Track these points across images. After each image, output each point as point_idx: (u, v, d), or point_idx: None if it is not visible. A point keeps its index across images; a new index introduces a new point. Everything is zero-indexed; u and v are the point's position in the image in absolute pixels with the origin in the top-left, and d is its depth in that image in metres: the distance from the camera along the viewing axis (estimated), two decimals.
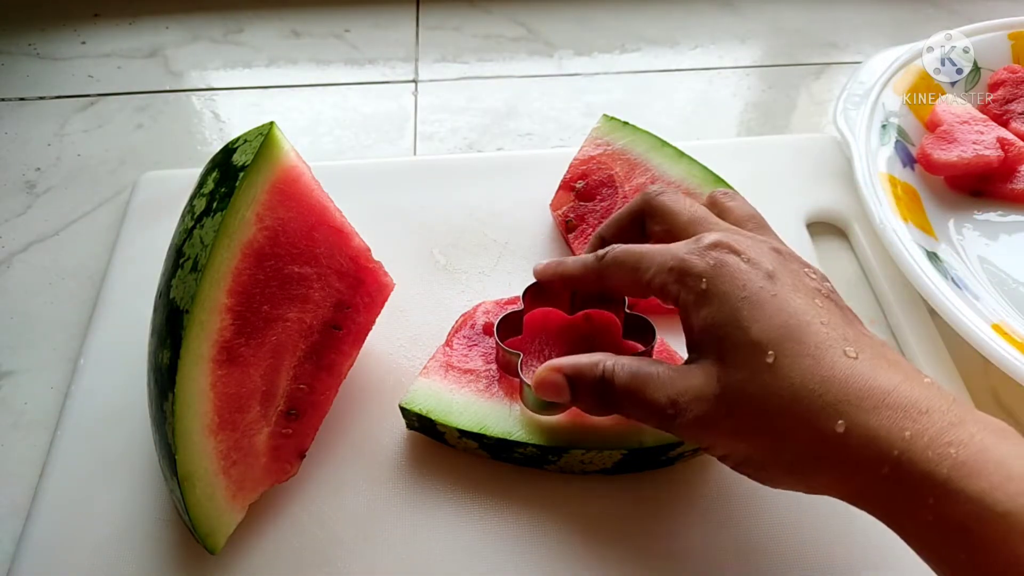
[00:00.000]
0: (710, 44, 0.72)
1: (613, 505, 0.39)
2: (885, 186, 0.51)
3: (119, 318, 0.47)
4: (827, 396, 0.27)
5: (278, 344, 0.37)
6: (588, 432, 0.38)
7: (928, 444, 0.25)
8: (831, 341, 0.28)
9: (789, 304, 0.29)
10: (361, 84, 0.67)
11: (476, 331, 0.42)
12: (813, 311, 0.29)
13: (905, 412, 0.26)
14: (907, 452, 0.25)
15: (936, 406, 0.26)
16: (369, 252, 0.41)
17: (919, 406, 0.26)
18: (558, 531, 0.38)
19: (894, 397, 0.26)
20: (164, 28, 0.72)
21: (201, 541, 0.36)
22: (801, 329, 0.29)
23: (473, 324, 0.43)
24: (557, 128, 0.63)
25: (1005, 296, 0.48)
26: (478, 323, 0.42)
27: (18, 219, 0.56)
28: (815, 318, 0.29)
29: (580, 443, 0.37)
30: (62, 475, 0.40)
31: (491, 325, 0.42)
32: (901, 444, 0.25)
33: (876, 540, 0.37)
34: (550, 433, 0.38)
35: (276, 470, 0.38)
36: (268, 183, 0.37)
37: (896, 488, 0.26)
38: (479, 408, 0.38)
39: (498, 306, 0.44)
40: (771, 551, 0.37)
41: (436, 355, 0.41)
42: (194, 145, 0.62)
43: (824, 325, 0.29)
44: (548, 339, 0.41)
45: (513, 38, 0.72)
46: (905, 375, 0.28)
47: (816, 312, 0.29)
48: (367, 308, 0.41)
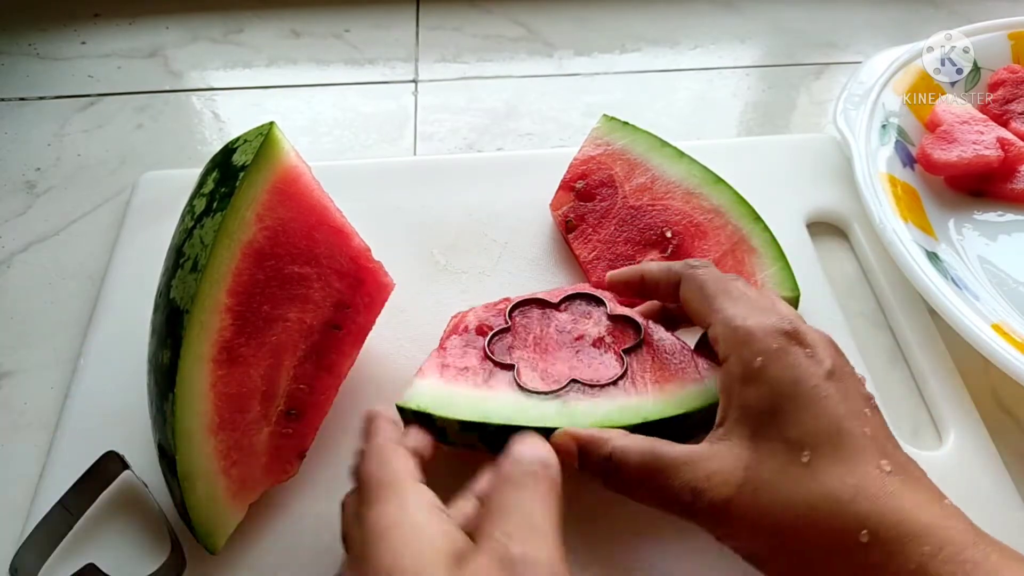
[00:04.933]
0: (710, 44, 0.72)
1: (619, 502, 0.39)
2: (885, 186, 0.51)
3: (119, 318, 0.47)
4: (856, 505, 0.27)
5: (278, 344, 0.37)
6: (596, 410, 0.37)
7: (945, 559, 0.25)
8: (869, 453, 0.28)
9: (837, 408, 0.29)
10: (361, 84, 0.67)
11: (469, 333, 0.42)
12: (859, 420, 0.29)
13: (926, 528, 0.26)
14: (924, 566, 0.25)
15: (956, 526, 0.27)
16: (369, 252, 0.41)
17: (941, 524, 0.26)
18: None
19: (918, 513, 0.27)
20: (164, 28, 0.72)
21: (201, 541, 0.36)
22: (843, 435, 0.28)
23: (466, 327, 0.42)
24: (557, 128, 0.63)
25: (1005, 296, 0.48)
26: (470, 326, 0.42)
27: (18, 219, 0.56)
28: (859, 427, 0.29)
29: (584, 424, 0.37)
30: (62, 475, 0.40)
31: (484, 327, 0.41)
32: (919, 558, 0.26)
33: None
34: (555, 416, 0.37)
35: (276, 470, 0.38)
36: (268, 183, 0.37)
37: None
38: (478, 399, 0.38)
39: (487, 311, 0.43)
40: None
41: (431, 358, 0.41)
42: (194, 145, 0.62)
43: (865, 436, 0.29)
44: (544, 348, 0.41)
45: (513, 38, 0.72)
46: (930, 494, 0.28)
47: (861, 421, 0.29)
48: (367, 308, 0.41)
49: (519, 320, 0.42)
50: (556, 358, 0.40)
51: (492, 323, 0.42)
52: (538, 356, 0.40)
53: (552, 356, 0.40)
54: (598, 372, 0.39)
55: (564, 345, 0.41)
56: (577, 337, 0.41)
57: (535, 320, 0.42)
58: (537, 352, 0.40)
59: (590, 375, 0.39)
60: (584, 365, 0.39)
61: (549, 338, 0.41)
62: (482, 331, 0.41)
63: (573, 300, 0.42)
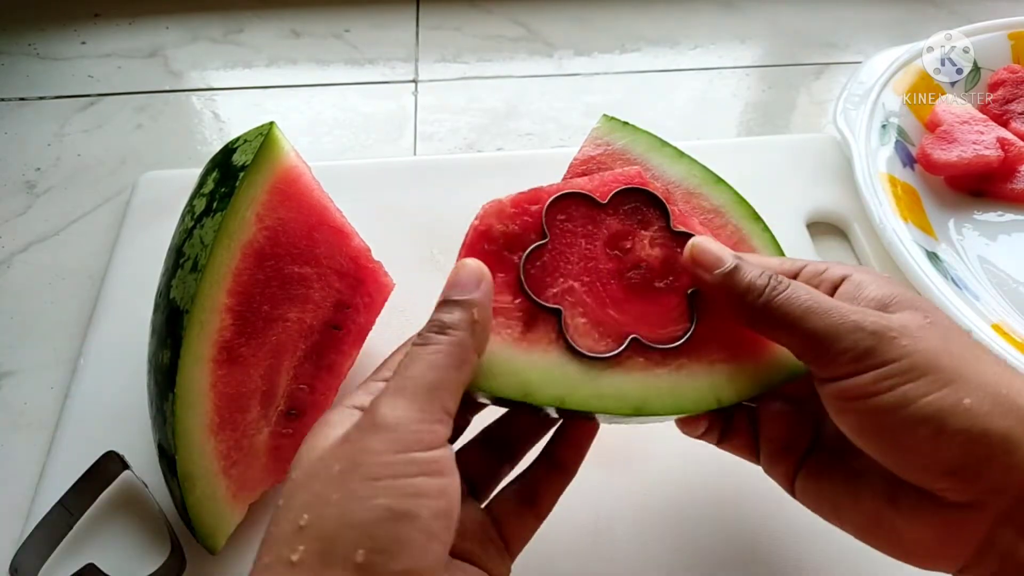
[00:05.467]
0: (710, 44, 0.72)
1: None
2: (885, 186, 0.51)
3: (119, 318, 0.47)
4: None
5: (278, 344, 0.37)
6: (663, 390, 0.30)
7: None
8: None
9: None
10: (361, 84, 0.67)
11: (496, 246, 0.32)
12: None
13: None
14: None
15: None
16: (369, 252, 0.41)
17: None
18: (564, 530, 0.38)
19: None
20: (164, 28, 0.72)
21: (201, 541, 0.36)
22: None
23: (491, 235, 0.32)
24: (557, 128, 0.63)
25: (1005, 296, 0.48)
26: (496, 234, 0.32)
27: (18, 219, 0.56)
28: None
29: (647, 408, 0.30)
30: (62, 475, 0.40)
31: (513, 235, 0.32)
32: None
33: None
34: (615, 395, 0.30)
35: (276, 470, 0.38)
36: (268, 183, 0.37)
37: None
38: (517, 365, 0.30)
39: (516, 208, 0.33)
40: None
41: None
42: (194, 145, 0.62)
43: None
44: (593, 281, 0.32)
45: (513, 38, 0.72)
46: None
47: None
48: (367, 308, 0.41)
49: (559, 227, 0.32)
50: (610, 295, 0.32)
51: (524, 230, 0.32)
52: (588, 291, 0.31)
53: (605, 291, 0.32)
54: (661, 323, 0.31)
55: (618, 273, 0.32)
56: (630, 261, 0.32)
57: (579, 228, 0.32)
58: (587, 284, 0.31)
59: (652, 328, 0.31)
60: (643, 309, 0.31)
61: (599, 261, 0.32)
62: (513, 241, 0.32)
63: (626, 199, 0.33)
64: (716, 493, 0.40)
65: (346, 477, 0.24)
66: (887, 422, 0.26)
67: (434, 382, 0.26)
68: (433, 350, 0.26)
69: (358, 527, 0.23)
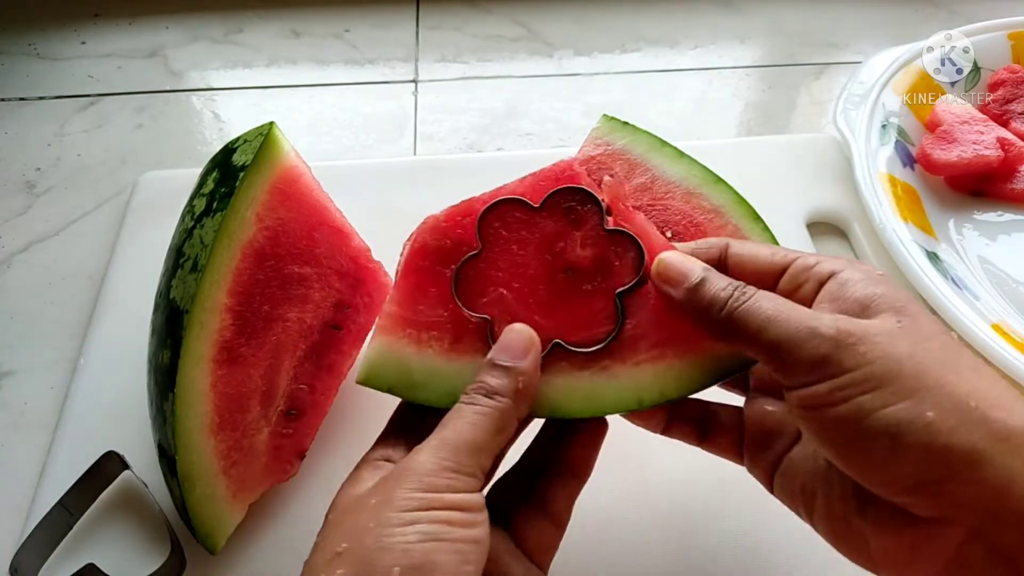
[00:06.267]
0: (710, 44, 0.72)
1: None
2: (885, 186, 0.51)
3: (119, 318, 0.47)
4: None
5: (278, 344, 0.37)
6: (580, 392, 0.31)
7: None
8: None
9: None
10: (361, 84, 0.67)
11: (430, 261, 0.33)
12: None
13: None
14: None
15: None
16: (369, 252, 0.41)
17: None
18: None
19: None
20: (164, 28, 0.72)
21: (201, 541, 0.36)
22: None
23: (425, 251, 0.33)
24: (557, 128, 0.63)
25: (1005, 296, 0.48)
26: (430, 250, 0.33)
27: (18, 219, 0.56)
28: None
29: (560, 410, 0.31)
30: (62, 475, 0.40)
31: (446, 249, 0.33)
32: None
33: None
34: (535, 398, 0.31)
35: (276, 470, 0.38)
36: (268, 183, 0.37)
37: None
38: (446, 376, 0.31)
39: (447, 221, 0.34)
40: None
41: (388, 303, 0.33)
42: (194, 145, 0.62)
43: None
44: (522, 288, 0.32)
45: (513, 38, 0.72)
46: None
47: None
48: (367, 308, 0.41)
49: (494, 235, 0.32)
50: (537, 300, 0.32)
51: (459, 242, 0.33)
52: (517, 298, 0.32)
53: (533, 296, 0.32)
54: (587, 324, 0.31)
55: (548, 277, 0.32)
56: (562, 263, 0.32)
57: (513, 234, 0.32)
58: (515, 291, 0.32)
59: (577, 329, 0.31)
60: (570, 312, 0.32)
61: (529, 267, 0.32)
62: (448, 255, 0.33)
63: (564, 198, 0.33)
64: (719, 495, 0.40)
65: (381, 508, 0.25)
66: (844, 433, 0.25)
67: (473, 442, 0.27)
68: (478, 411, 0.28)
69: (394, 549, 0.24)
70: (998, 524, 0.23)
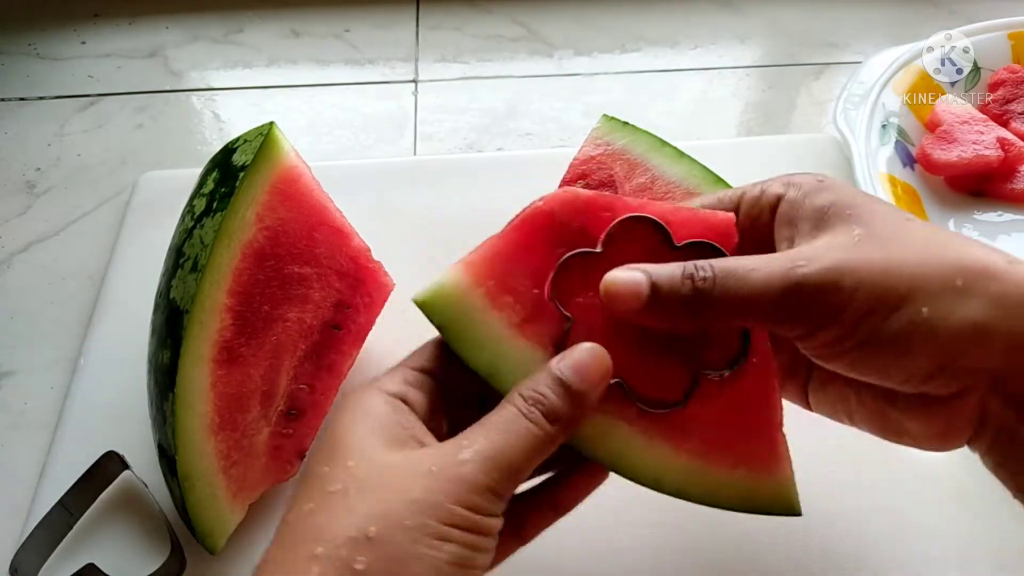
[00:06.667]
0: (710, 44, 0.72)
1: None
2: (885, 186, 0.51)
3: (119, 318, 0.47)
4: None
5: (278, 344, 0.37)
6: (621, 445, 0.29)
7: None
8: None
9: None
10: (361, 84, 0.67)
11: (547, 233, 0.31)
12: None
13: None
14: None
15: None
16: (369, 252, 0.41)
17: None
18: (560, 530, 0.38)
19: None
20: (164, 28, 0.72)
21: (201, 541, 0.36)
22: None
23: (550, 220, 0.31)
24: (557, 128, 0.63)
25: None
26: (555, 221, 0.31)
27: (18, 219, 0.56)
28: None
29: (590, 447, 0.29)
30: (62, 475, 0.40)
31: (570, 230, 0.31)
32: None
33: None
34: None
35: (276, 470, 0.38)
36: (268, 183, 0.37)
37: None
38: (499, 349, 0.30)
39: (588, 204, 0.31)
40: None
41: (486, 246, 0.31)
42: (194, 145, 0.62)
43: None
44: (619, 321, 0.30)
45: (513, 38, 0.72)
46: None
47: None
48: (367, 308, 0.41)
49: (624, 244, 0.30)
50: (620, 333, 0.30)
51: (583, 230, 0.31)
52: (606, 317, 0.30)
53: (619, 326, 0.30)
54: (656, 382, 0.30)
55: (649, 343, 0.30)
56: None
57: (640, 256, 0.30)
58: (605, 312, 0.30)
59: (643, 380, 0.30)
60: (646, 363, 0.30)
61: None
62: (566, 236, 0.31)
63: (700, 250, 0.30)
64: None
65: (423, 510, 0.24)
66: (854, 362, 0.27)
67: (519, 467, 0.26)
68: (532, 431, 0.27)
69: (424, 559, 0.24)
70: (1009, 376, 0.25)
